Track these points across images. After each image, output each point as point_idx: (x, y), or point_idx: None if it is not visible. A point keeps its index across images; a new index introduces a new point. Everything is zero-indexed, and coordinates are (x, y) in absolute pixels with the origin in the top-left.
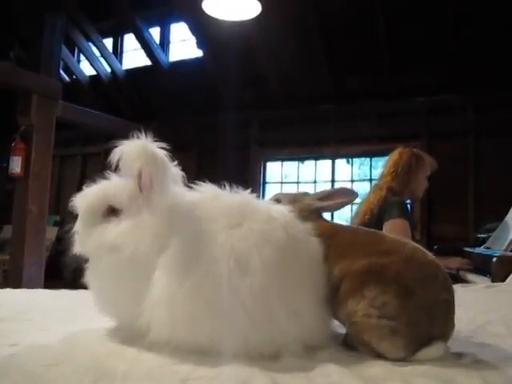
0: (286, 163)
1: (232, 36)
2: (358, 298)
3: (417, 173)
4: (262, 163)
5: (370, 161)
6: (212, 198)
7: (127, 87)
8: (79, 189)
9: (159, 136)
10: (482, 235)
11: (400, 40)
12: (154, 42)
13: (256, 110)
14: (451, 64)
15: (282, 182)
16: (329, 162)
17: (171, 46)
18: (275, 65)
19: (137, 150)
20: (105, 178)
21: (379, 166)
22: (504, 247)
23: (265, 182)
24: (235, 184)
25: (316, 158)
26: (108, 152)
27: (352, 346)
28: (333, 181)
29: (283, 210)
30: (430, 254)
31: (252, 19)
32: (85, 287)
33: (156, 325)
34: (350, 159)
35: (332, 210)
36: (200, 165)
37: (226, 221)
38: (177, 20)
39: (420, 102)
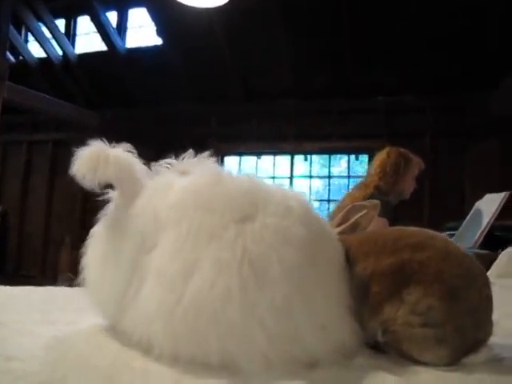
0: (244, 158)
1: (194, 25)
2: (397, 303)
3: (405, 173)
4: (220, 157)
5: (329, 158)
6: (212, 182)
7: (80, 72)
8: (24, 180)
9: (116, 127)
10: (444, 233)
11: (363, 39)
12: (111, 27)
13: (216, 103)
14: (412, 65)
15: None
16: (288, 157)
17: (128, 32)
18: (238, 58)
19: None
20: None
21: (338, 164)
22: (471, 244)
23: None
24: None
25: (275, 154)
26: (58, 141)
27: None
28: (291, 177)
29: (299, 196)
30: (459, 245)
31: (216, 9)
32: (26, 280)
33: (157, 342)
34: (309, 156)
35: (362, 227)
36: (159, 158)
37: (232, 213)
38: (136, 5)
39: (380, 101)
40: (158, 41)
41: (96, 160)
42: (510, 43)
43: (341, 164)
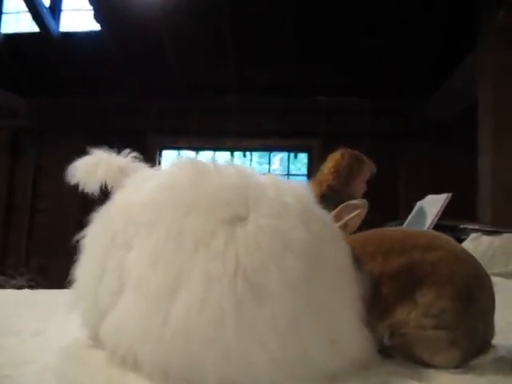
0: (183, 153)
1: (136, 12)
2: (409, 305)
3: (357, 175)
4: (159, 151)
5: (269, 156)
6: (193, 176)
7: (6, 54)
8: None
9: (47, 114)
10: None
11: (308, 39)
12: (44, 7)
13: (155, 94)
14: (354, 69)
15: None
16: (227, 154)
17: (62, 15)
18: (179, 50)
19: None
20: None
21: (280, 162)
22: None
23: None
24: None
25: (215, 150)
26: None
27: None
28: None
29: (297, 187)
30: (462, 246)
31: None
32: None
33: (147, 362)
34: (249, 153)
35: (350, 228)
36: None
37: (219, 213)
38: None
39: (320, 101)
40: (96, 26)
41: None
42: (448, 50)
43: (274, 162)
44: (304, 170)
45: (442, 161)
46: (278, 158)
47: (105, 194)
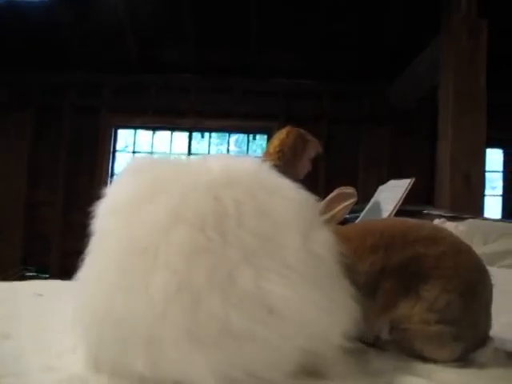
0: (139, 132)
1: None
2: (413, 299)
3: (302, 155)
4: (113, 130)
5: (228, 136)
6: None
7: None
8: None
9: None
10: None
11: (269, 21)
12: None
13: (110, 71)
14: (315, 52)
15: (134, 152)
16: (186, 134)
17: None
18: (137, 24)
19: None
20: None
21: (236, 143)
22: None
23: (115, 151)
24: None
25: (172, 129)
26: None
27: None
28: (189, 154)
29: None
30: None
31: None
32: None
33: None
34: (208, 133)
35: (336, 219)
36: (39, 129)
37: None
38: None
39: (281, 83)
40: None
41: None
42: (411, 36)
43: (231, 143)
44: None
45: (401, 147)
46: (234, 140)
47: None
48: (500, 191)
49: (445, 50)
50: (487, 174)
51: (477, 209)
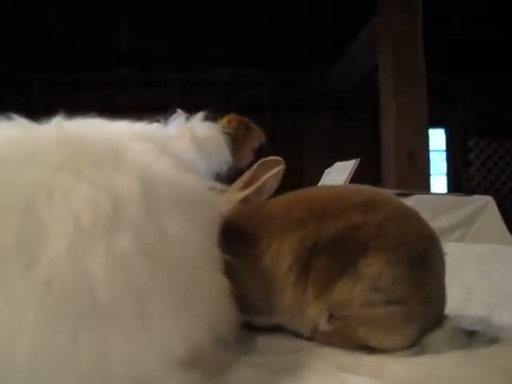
0: None
1: None
2: (352, 279)
3: (243, 143)
4: None
5: None
6: None
7: None
8: None
9: None
10: None
11: (205, 10)
12: None
13: (39, 68)
14: (253, 40)
15: None
16: None
17: None
18: (66, 17)
19: None
20: None
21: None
22: None
23: None
24: None
25: None
26: None
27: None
28: None
29: None
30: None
31: None
32: None
33: None
34: None
35: (266, 192)
36: None
37: None
38: None
39: (221, 73)
40: None
41: None
42: (348, 18)
43: None
44: None
45: (344, 132)
46: None
47: None
48: (444, 171)
49: (381, 31)
50: (432, 155)
51: (424, 186)
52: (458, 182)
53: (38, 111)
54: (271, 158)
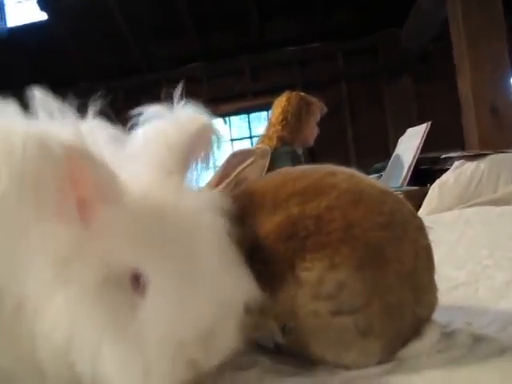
0: None
1: None
2: (292, 285)
3: (308, 119)
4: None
5: (248, 117)
6: None
7: None
8: None
9: None
10: (372, 175)
11: None
12: None
13: (119, 77)
14: (318, 13)
15: None
16: None
17: (7, 10)
18: (134, 25)
19: None
20: None
21: (261, 121)
22: (400, 183)
23: None
24: None
25: None
26: None
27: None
28: None
29: None
30: (375, 180)
31: None
32: None
33: None
34: (227, 118)
35: (241, 180)
36: None
37: None
38: None
39: (291, 52)
40: (43, 15)
41: None
42: None
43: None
44: None
45: (425, 91)
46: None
47: None
48: None
49: None
50: None
51: (510, 143)
52: None
53: (121, 115)
54: (242, 149)
